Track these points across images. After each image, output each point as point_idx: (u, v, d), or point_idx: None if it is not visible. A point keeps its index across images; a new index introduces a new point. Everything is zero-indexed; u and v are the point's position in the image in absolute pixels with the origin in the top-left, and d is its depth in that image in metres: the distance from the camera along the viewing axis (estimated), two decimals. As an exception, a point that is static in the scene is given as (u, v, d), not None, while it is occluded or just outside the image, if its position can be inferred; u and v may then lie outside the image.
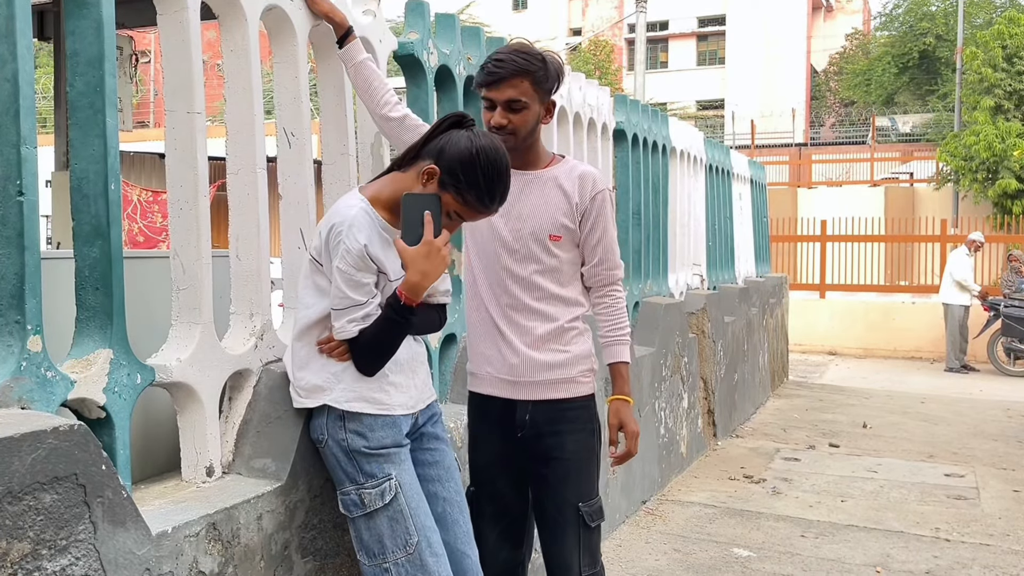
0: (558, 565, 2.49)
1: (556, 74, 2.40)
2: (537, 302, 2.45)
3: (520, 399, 2.45)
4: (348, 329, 2.10)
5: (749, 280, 8.22)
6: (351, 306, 2.09)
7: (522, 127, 2.37)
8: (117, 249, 1.97)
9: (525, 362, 2.44)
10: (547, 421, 2.46)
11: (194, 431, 2.20)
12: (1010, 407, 8.31)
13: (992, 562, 4.10)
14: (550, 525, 2.49)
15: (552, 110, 2.45)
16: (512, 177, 2.21)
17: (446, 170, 2.08)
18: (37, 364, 1.77)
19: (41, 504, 1.56)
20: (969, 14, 25.58)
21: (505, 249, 2.44)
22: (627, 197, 5.23)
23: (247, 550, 2.09)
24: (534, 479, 2.51)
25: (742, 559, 4.10)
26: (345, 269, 2.07)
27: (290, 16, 2.50)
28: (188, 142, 2.20)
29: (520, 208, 2.43)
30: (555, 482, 2.46)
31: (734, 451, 6.23)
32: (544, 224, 2.43)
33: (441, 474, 2.30)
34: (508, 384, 2.46)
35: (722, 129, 32.56)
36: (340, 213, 2.12)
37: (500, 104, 2.35)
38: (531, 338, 2.44)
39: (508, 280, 2.44)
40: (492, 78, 2.34)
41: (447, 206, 2.09)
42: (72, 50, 1.95)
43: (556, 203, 2.44)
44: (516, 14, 38.78)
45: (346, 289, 2.08)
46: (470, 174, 2.07)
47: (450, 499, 2.30)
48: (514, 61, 2.33)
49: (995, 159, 17.99)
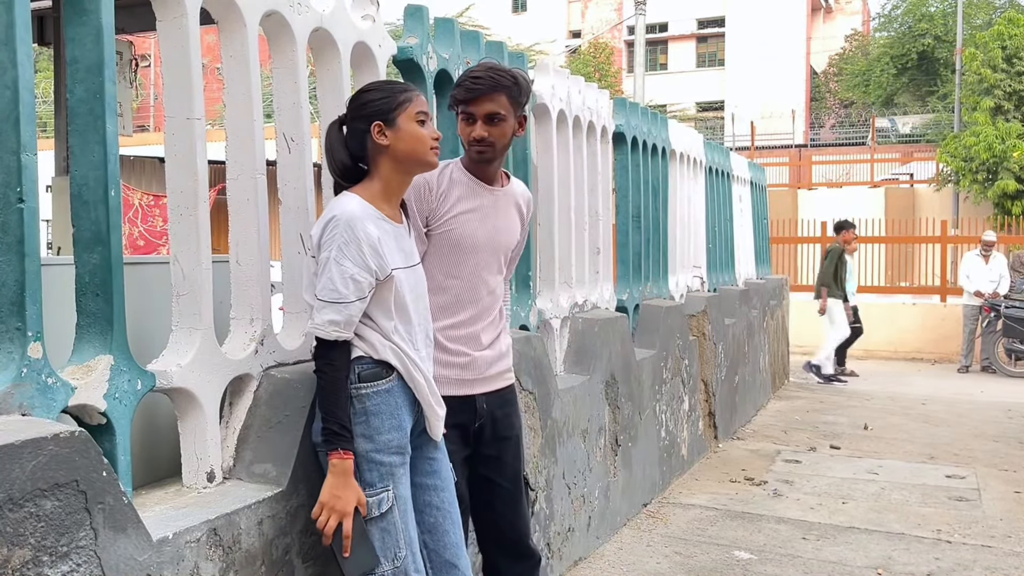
0: (519, 531, 2.70)
1: (527, 90, 2.57)
2: (492, 300, 2.64)
3: (477, 393, 2.60)
4: (326, 329, 2.11)
5: (749, 282, 8.22)
6: (337, 301, 2.10)
7: (500, 140, 2.52)
8: (117, 255, 1.97)
9: (477, 359, 2.59)
10: (499, 406, 2.64)
11: (195, 436, 2.21)
12: (1011, 408, 8.30)
13: (993, 564, 4.10)
14: (505, 498, 2.66)
15: (524, 124, 2.61)
16: (486, 193, 2.55)
17: (371, 112, 2.21)
18: (38, 370, 1.77)
19: (42, 511, 1.56)
20: (968, 15, 25.60)
21: (481, 260, 2.58)
22: (627, 200, 5.23)
23: (248, 555, 2.09)
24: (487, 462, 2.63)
25: (743, 561, 4.09)
26: (341, 261, 2.09)
27: (289, 21, 2.50)
28: (188, 148, 2.20)
29: (496, 222, 2.60)
30: (510, 460, 2.66)
31: (735, 453, 6.23)
32: (511, 239, 2.67)
33: (438, 484, 2.32)
34: (466, 383, 2.58)
35: (722, 131, 32.56)
36: (340, 206, 2.15)
37: (480, 117, 2.49)
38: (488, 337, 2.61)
39: (478, 285, 2.58)
40: (472, 94, 2.49)
41: (410, 119, 2.21)
42: (72, 57, 1.96)
43: (516, 221, 2.69)
44: (515, 16, 38.79)
45: (337, 281, 2.09)
46: (372, 90, 2.26)
47: (444, 509, 2.32)
48: (491, 77, 2.49)
49: (995, 160, 18.00)
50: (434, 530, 2.29)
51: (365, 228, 2.12)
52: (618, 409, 4.48)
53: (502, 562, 2.71)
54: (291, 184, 2.56)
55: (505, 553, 2.71)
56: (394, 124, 2.21)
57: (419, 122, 2.23)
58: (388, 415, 2.18)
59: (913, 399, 8.78)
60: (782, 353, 9.30)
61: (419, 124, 2.23)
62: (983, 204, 18.75)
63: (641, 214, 5.32)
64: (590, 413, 4.14)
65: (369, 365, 2.17)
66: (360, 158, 2.26)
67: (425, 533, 2.28)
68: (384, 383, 2.18)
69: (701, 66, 38.70)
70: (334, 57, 2.71)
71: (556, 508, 3.76)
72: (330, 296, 2.10)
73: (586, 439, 4.08)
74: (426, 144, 2.23)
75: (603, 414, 4.30)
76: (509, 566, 2.71)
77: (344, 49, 2.72)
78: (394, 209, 2.27)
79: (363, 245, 2.11)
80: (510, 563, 2.70)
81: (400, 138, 2.21)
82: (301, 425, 2.29)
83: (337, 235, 2.10)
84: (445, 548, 2.30)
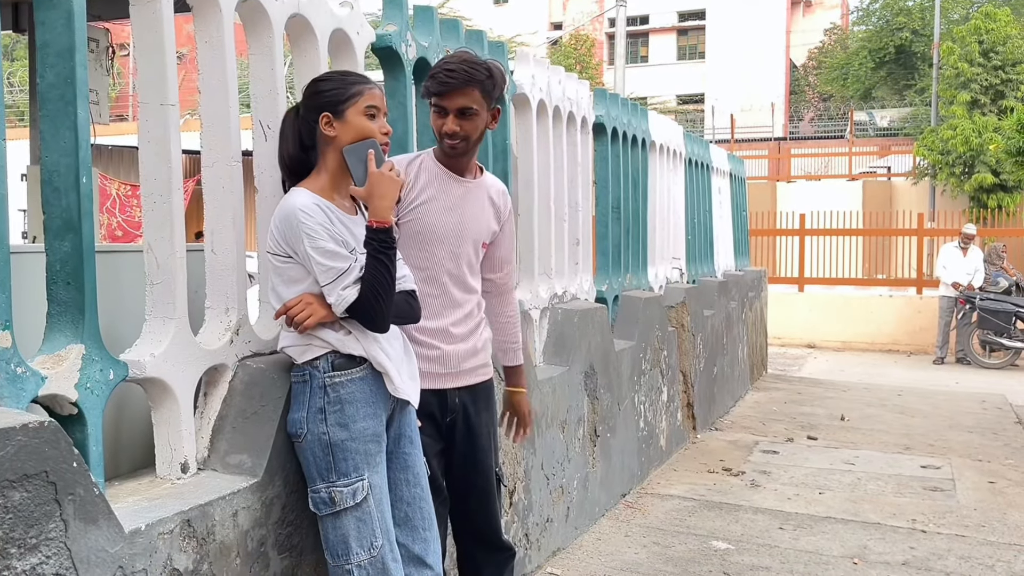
0: (492, 525, 2.71)
1: (501, 82, 2.54)
2: (463, 294, 2.61)
3: (449, 388, 2.58)
4: (346, 295, 2.13)
5: (728, 274, 8.25)
6: (339, 275, 2.12)
7: (472, 133, 2.50)
8: (89, 243, 1.94)
9: (449, 354, 2.57)
10: (472, 402, 2.63)
11: (168, 427, 2.18)
12: (985, 399, 8.39)
13: (967, 553, 4.14)
14: (478, 495, 2.66)
15: (497, 117, 2.59)
16: (455, 184, 2.54)
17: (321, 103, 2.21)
18: (7, 360, 1.74)
19: (10, 502, 1.54)
20: (945, 9, 25.73)
21: (447, 251, 2.55)
22: (606, 191, 5.23)
23: (222, 547, 2.08)
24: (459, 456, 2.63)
25: (721, 551, 4.11)
26: (315, 244, 2.11)
27: (266, 7, 2.47)
28: (162, 135, 2.17)
29: (463, 214, 2.57)
30: (482, 455, 2.66)
31: (713, 444, 6.25)
32: (483, 231, 2.63)
33: (410, 478, 2.32)
34: (438, 376, 2.56)
35: (702, 123, 32.64)
36: (289, 201, 2.17)
37: (452, 112, 2.47)
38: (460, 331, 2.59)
39: (444, 277, 2.56)
40: (445, 88, 2.45)
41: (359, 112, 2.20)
42: (42, 41, 1.92)
43: (490, 213, 2.65)
44: (497, 8, 38.64)
45: (325, 261, 2.12)
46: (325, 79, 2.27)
47: (414, 504, 2.32)
48: (465, 71, 2.45)
49: (971, 153, 18.14)
50: (404, 524, 2.29)
51: (318, 214, 2.14)
52: (597, 400, 4.48)
53: (477, 553, 2.73)
54: (267, 172, 2.53)
55: (479, 545, 2.72)
56: (342, 116, 2.19)
57: (369, 116, 2.21)
58: (363, 403, 2.18)
59: (889, 390, 8.86)
60: (760, 344, 9.35)
61: (369, 118, 2.21)
62: (959, 197, 18.90)
63: (621, 205, 5.32)
64: (569, 404, 4.14)
65: (340, 356, 2.18)
66: (312, 148, 2.25)
67: (395, 527, 2.27)
68: (358, 371, 2.19)
69: (682, 59, 38.75)
70: (312, 44, 2.68)
71: (534, 499, 3.76)
72: (330, 276, 2.13)
73: (565, 430, 4.08)
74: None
75: (582, 405, 4.30)
76: (484, 557, 2.72)
77: (322, 36, 2.69)
78: (345, 199, 2.26)
79: (323, 227, 2.14)
80: (484, 554, 2.72)
81: (347, 131, 2.19)
82: (277, 416, 2.27)
83: (298, 226, 2.12)
84: (415, 542, 2.30)
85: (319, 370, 2.18)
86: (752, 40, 35.78)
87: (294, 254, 2.16)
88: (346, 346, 2.18)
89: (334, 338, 2.18)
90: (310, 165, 2.27)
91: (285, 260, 2.18)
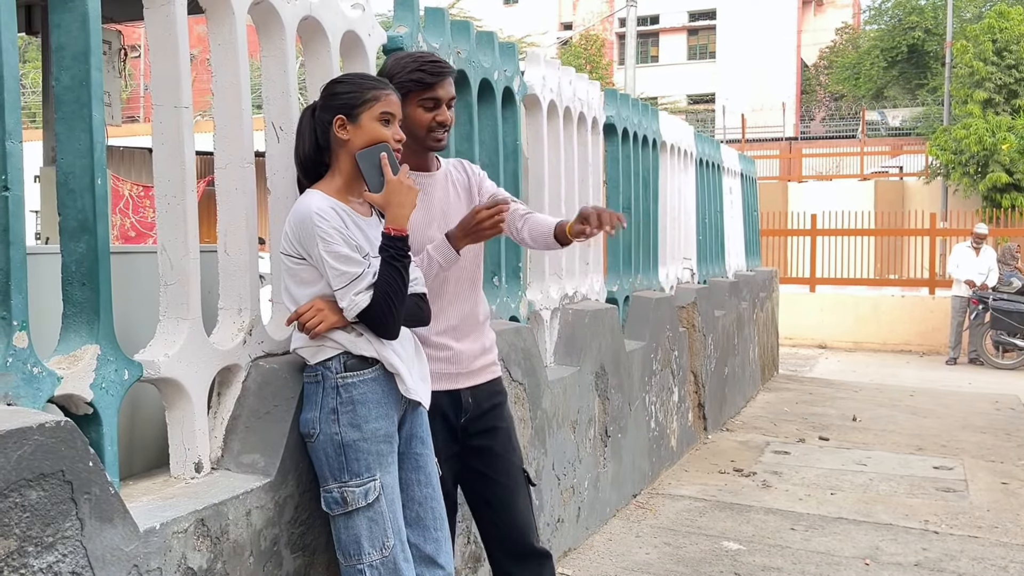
0: (520, 529, 2.59)
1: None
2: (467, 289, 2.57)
3: (462, 387, 2.56)
4: (358, 300, 2.14)
5: (739, 274, 8.24)
6: (352, 280, 2.13)
7: (451, 124, 2.49)
8: (104, 244, 1.96)
9: (461, 352, 2.55)
10: (486, 399, 2.60)
11: (182, 427, 2.20)
12: (998, 400, 8.35)
13: (980, 554, 4.12)
14: (502, 494, 2.58)
15: None
16: (423, 178, 2.47)
17: (336, 105, 2.21)
18: (23, 360, 1.76)
19: (27, 501, 1.55)
20: (958, 8, 25.62)
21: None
22: (617, 191, 5.23)
23: (236, 546, 2.09)
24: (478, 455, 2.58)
25: (732, 552, 4.11)
26: (329, 249, 2.12)
27: (278, 10, 2.48)
28: (175, 136, 2.18)
29: (432, 205, 2.52)
30: (502, 451, 2.60)
31: (724, 444, 6.24)
32: (460, 208, 2.56)
33: (421, 478, 2.32)
34: (451, 376, 2.54)
35: (712, 123, 32.56)
36: (304, 203, 2.18)
37: (445, 101, 2.45)
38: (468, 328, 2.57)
39: (446, 274, 2.52)
40: (438, 79, 2.42)
41: (374, 118, 2.19)
42: (58, 44, 1.94)
43: (462, 197, 2.59)
44: (507, 8, 38.66)
45: (339, 266, 2.13)
46: (342, 82, 2.26)
47: (426, 505, 2.32)
48: (442, 61, 2.45)
49: (985, 153, 18.05)
50: (416, 524, 2.29)
51: (333, 218, 2.14)
52: (608, 400, 4.48)
53: (510, 566, 2.60)
54: (280, 174, 2.54)
55: (510, 555, 2.60)
56: (357, 120, 2.20)
57: (383, 122, 2.21)
58: (375, 403, 2.18)
59: (901, 391, 8.82)
60: (771, 345, 9.32)
61: (383, 124, 2.21)
62: (972, 197, 18.80)
63: (631, 206, 5.32)
64: (580, 404, 4.14)
65: (352, 357, 2.19)
66: (327, 149, 2.26)
67: (407, 527, 2.28)
68: (370, 372, 2.19)
69: (692, 59, 38.69)
70: (323, 46, 2.69)
71: (546, 499, 3.76)
72: (343, 280, 2.13)
73: (576, 430, 4.09)
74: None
75: (593, 405, 4.31)
76: (519, 570, 2.59)
77: (333, 38, 2.71)
78: (360, 201, 2.26)
79: (338, 231, 2.14)
80: (518, 567, 2.59)
81: (360, 136, 2.20)
82: (290, 415, 2.28)
83: (313, 229, 2.12)
84: (426, 542, 2.30)
85: (331, 371, 2.19)
86: (763, 40, 35.69)
87: (308, 256, 2.17)
88: (358, 347, 2.19)
89: (346, 339, 2.19)
90: (325, 165, 2.28)
91: (299, 262, 2.19)
